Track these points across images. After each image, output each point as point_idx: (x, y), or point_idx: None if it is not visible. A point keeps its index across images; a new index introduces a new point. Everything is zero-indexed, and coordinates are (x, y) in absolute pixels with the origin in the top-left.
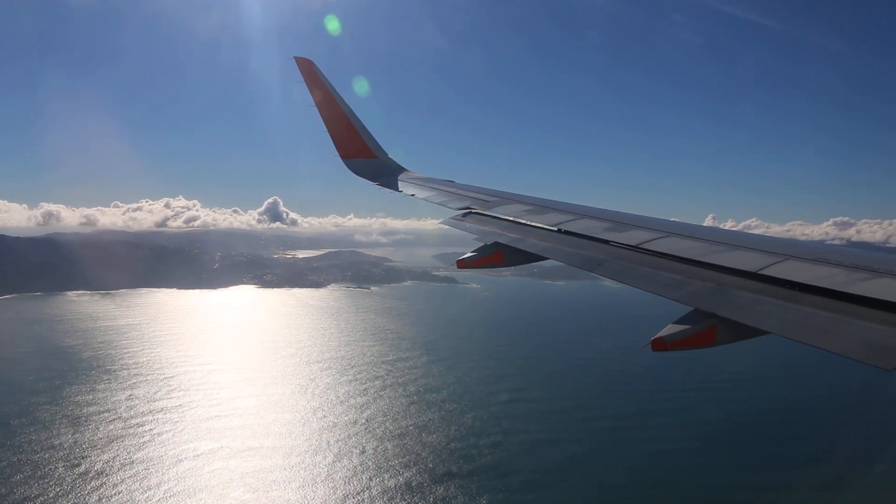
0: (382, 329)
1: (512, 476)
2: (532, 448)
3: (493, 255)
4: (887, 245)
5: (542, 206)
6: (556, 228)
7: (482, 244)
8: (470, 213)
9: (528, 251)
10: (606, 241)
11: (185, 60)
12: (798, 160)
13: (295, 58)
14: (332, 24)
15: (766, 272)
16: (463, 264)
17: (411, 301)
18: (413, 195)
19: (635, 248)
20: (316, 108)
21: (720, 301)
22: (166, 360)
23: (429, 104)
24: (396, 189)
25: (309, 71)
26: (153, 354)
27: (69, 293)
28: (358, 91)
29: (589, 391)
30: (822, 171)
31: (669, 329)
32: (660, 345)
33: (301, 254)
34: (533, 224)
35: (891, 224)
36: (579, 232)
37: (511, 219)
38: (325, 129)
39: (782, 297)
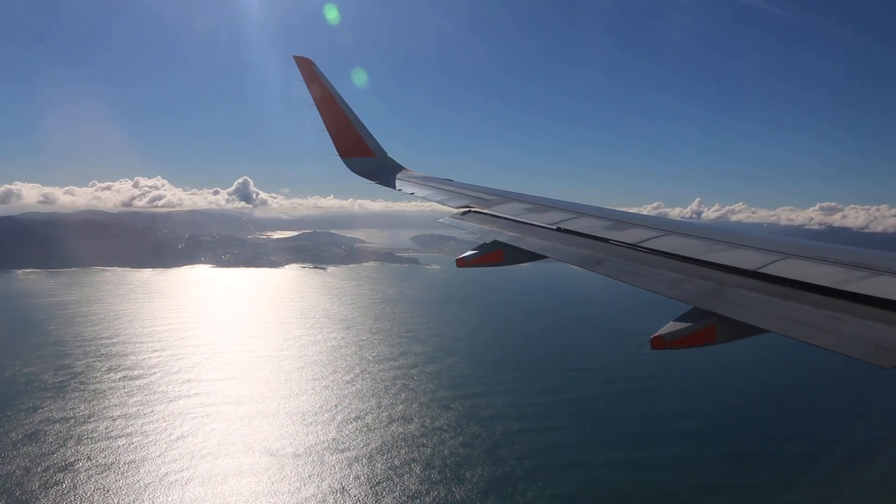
0: (313, 308)
1: (346, 452)
2: (389, 425)
3: (493, 254)
4: (866, 230)
5: (541, 205)
6: (555, 227)
7: (482, 243)
8: (469, 211)
9: (528, 250)
10: (606, 240)
11: (179, 44)
12: (787, 145)
13: (294, 57)
14: (331, 14)
15: (765, 270)
16: (463, 263)
17: (361, 281)
18: (412, 194)
19: (634, 247)
20: (315, 106)
21: (719, 299)
22: (77, 337)
23: (428, 94)
24: (395, 188)
25: (308, 70)
26: (68, 331)
27: (17, 271)
28: (356, 82)
29: (491, 375)
30: (812, 156)
31: (669, 327)
32: (659, 343)
33: (277, 234)
34: (532, 223)
35: (878, 210)
36: (578, 230)
37: (510, 217)
38: (325, 128)
39: (782, 295)
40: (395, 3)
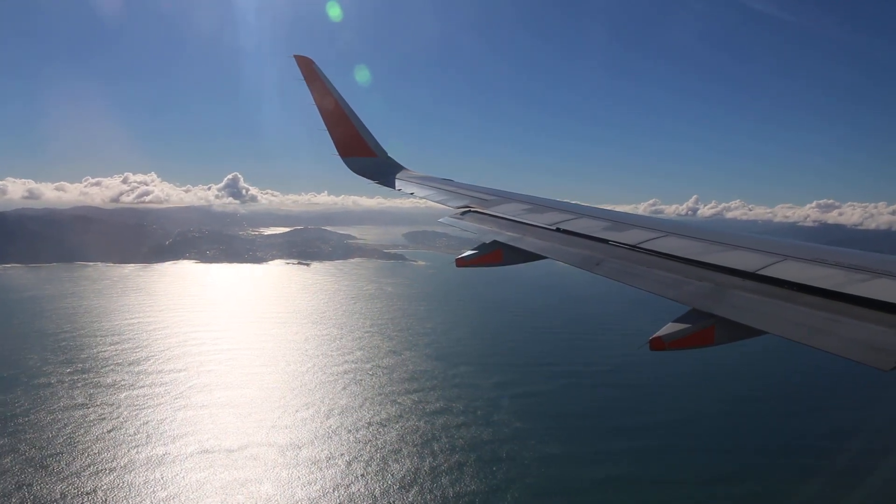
0: (286, 303)
1: (274, 445)
2: (327, 418)
3: (492, 254)
4: (860, 227)
5: (540, 206)
6: (554, 227)
7: (481, 242)
8: (469, 211)
9: (527, 250)
10: (605, 241)
11: (178, 40)
12: (787, 142)
13: (295, 56)
14: (334, 11)
15: (764, 272)
16: (462, 263)
17: (341, 277)
18: (412, 194)
19: (634, 248)
20: (315, 106)
21: (718, 301)
22: (39, 331)
23: (430, 92)
24: (395, 188)
25: (309, 69)
26: (31, 326)
27: None
28: (359, 79)
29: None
30: (811, 153)
31: (668, 328)
32: (658, 344)
33: (269, 231)
34: (531, 223)
35: (875, 207)
36: (578, 231)
37: (510, 217)
38: (325, 128)
39: (780, 297)
40: (397, 1)
